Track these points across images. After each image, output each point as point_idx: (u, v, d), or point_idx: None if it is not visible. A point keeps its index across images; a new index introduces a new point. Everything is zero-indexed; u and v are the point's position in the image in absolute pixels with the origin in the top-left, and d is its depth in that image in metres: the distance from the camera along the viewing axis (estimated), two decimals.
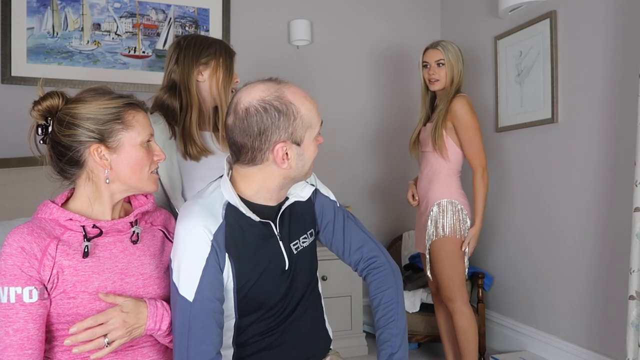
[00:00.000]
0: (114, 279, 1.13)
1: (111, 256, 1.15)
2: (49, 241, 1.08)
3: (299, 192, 1.27)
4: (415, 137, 2.39)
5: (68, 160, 1.13)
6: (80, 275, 1.09)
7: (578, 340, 2.36)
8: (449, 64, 2.24)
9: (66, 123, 1.11)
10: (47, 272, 1.06)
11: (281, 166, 1.13)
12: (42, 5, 2.67)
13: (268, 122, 1.09)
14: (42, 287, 1.06)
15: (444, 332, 2.41)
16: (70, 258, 1.09)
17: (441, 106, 2.24)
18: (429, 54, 2.29)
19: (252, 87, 1.13)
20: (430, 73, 2.27)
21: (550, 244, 2.51)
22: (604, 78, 2.22)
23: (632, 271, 1.84)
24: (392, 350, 1.26)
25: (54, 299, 1.08)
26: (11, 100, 2.58)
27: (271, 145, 1.11)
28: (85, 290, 1.09)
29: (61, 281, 1.07)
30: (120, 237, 1.18)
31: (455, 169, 2.26)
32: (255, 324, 1.22)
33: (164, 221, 1.32)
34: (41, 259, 1.06)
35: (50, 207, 1.14)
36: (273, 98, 1.09)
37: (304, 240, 1.29)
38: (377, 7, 3.33)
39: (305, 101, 1.13)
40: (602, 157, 2.24)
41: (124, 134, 1.14)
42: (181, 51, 1.63)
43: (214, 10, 2.97)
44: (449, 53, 2.25)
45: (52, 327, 1.10)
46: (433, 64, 2.26)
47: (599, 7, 2.24)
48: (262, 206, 1.19)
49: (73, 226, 1.12)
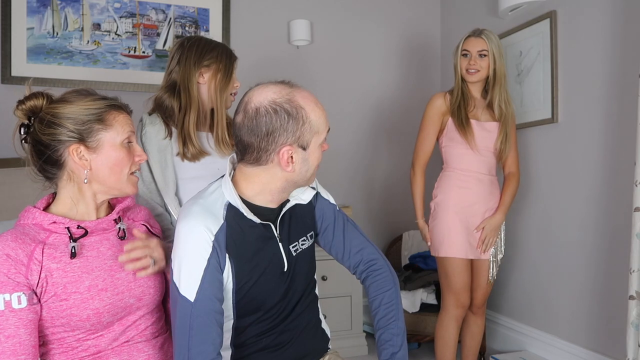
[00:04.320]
0: (104, 276, 1.13)
1: (99, 254, 1.15)
2: (34, 246, 1.07)
3: (300, 195, 1.27)
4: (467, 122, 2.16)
5: (47, 159, 1.14)
6: (70, 276, 1.09)
7: (578, 340, 2.36)
8: (492, 55, 2.12)
9: (47, 122, 1.12)
10: (34, 277, 1.06)
11: (285, 169, 1.13)
12: (42, 5, 2.67)
13: (277, 123, 1.09)
14: (31, 292, 1.05)
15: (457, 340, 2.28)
16: (57, 261, 1.09)
17: (502, 109, 2.17)
18: (471, 42, 2.14)
19: (264, 87, 1.13)
20: (471, 63, 2.12)
21: (550, 244, 2.51)
22: (604, 78, 2.22)
23: (632, 271, 1.84)
24: (394, 349, 1.27)
25: (46, 303, 1.08)
26: (11, 100, 2.54)
27: (277, 147, 1.11)
28: (76, 291, 1.09)
29: (51, 284, 1.07)
30: (107, 235, 1.19)
31: None
32: (253, 325, 1.22)
33: (145, 216, 1.33)
34: (28, 264, 1.05)
35: (32, 212, 1.13)
36: (284, 101, 1.10)
37: (303, 242, 1.29)
38: (377, 7, 3.33)
39: (315, 107, 1.13)
40: (602, 157, 2.24)
41: (104, 134, 1.14)
42: (184, 52, 1.63)
43: (214, 10, 2.97)
44: (493, 44, 2.12)
45: (47, 330, 1.10)
46: (474, 53, 2.12)
47: (599, 7, 2.24)
48: (263, 208, 1.19)
49: (57, 229, 1.12)
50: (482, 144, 2.16)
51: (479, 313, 2.29)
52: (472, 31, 2.19)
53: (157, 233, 1.32)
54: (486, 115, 2.21)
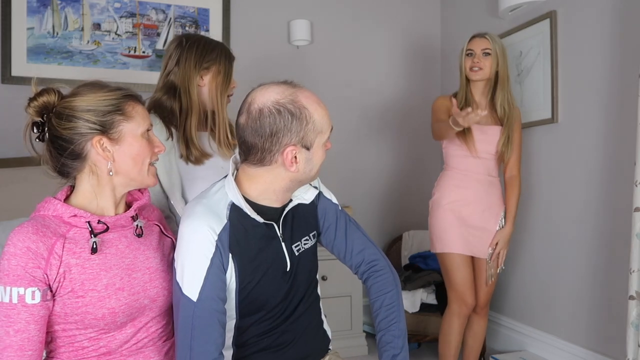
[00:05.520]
0: (121, 275, 1.12)
1: (117, 252, 1.13)
2: (55, 240, 1.05)
3: (302, 195, 1.27)
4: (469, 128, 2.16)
5: (70, 154, 1.11)
6: (88, 273, 1.08)
7: (578, 340, 2.36)
8: (494, 54, 2.16)
9: (66, 116, 1.10)
10: (53, 272, 1.04)
11: (289, 169, 1.13)
12: (42, 5, 2.67)
13: (281, 124, 1.09)
14: (46, 287, 1.04)
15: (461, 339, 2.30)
16: (77, 256, 1.07)
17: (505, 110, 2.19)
18: (475, 42, 2.20)
19: (266, 88, 1.13)
20: (475, 61, 2.17)
21: (550, 244, 2.51)
22: (604, 78, 2.22)
23: (632, 271, 1.84)
24: (394, 351, 1.27)
25: (61, 299, 1.06)
26: (11, 100, 2.58)
27: (281, 148, 1.11)
28: (94, 289, 1.07)
29: (68, 280, 1.06)
30: (125, 232, 1.17)
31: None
32: (255, 325, 1.22)
33: (158, 216, 1.32)
34: (48, 258, 1.04)
35: (54, 203, 1.11)
36: (287, 101, 1.10)
37: (306, 242, 1.29)
38: (376, 7, 3.33)
39: (318, 107, 1.13)
40: (602, 157, 2.24)
41: (125, 125, 1.13)
42: (183, 52, 1.61)
43: (214, 10, 2.97)
44: (496, 44, 2.18)
45: (58, 326, 1.09)
46: (478, 52, 2.17)
47: (599, 7, 2.24)
48: (266, 207, 1.19)
49: (78, 222, 1.10)
50: (482, 148, 2.19)
51: (482, 314, 2.30)
52: (476, 32, 2.25)
53: (169, 235, 1.30)
54: (488, 118, 2.22)
